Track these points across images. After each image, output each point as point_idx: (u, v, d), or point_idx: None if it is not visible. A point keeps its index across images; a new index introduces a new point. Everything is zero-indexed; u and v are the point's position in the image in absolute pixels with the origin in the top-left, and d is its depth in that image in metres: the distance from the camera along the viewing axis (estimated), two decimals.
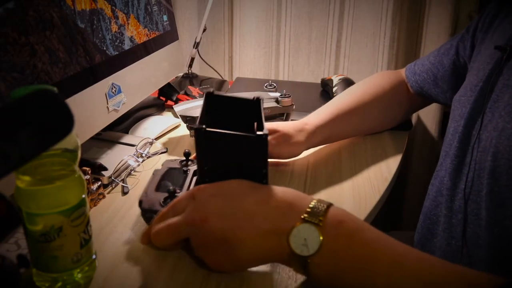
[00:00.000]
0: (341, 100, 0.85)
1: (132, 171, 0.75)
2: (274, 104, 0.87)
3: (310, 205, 0.48)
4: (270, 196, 0.50)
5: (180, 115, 0.82)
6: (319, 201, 0.49)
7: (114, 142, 0.82)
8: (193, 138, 0.85)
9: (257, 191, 0.51)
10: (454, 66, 0.81)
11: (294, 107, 0.89)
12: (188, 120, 0.82)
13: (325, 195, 0.72)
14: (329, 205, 0.48)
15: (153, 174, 0.67)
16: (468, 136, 0.67)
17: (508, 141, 0.57)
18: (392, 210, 1.36)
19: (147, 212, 0.58)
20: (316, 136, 0.79)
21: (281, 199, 0.50)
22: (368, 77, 0.93)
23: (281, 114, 0.89)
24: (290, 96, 0.88)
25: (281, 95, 0.88)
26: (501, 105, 0.61)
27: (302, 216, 0.47)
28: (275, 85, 0.98)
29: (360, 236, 0.46)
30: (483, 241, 0.64)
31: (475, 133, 0.65)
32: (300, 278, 0.53)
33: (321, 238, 0.45)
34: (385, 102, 0.88)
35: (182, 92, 1.02)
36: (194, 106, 0.84)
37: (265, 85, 0.98)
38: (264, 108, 0.86)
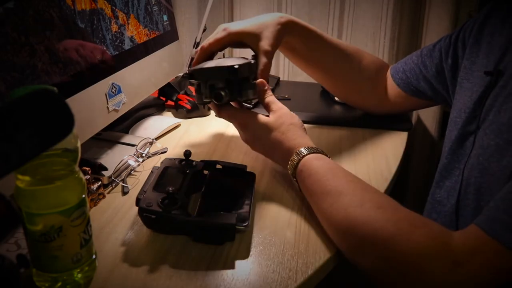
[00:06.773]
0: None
1: (132, 171, 0.75)
2: None
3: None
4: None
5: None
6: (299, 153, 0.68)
7: (114, 142, 0.82)
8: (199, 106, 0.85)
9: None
10: (437, 70, 0.83)
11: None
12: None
13: None
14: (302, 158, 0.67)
15: (151, 171, 0.67)
16: (460, 154, 0.70)
17: (493, 157, 0.60)
18: None
19: (145, 211, 0.58)
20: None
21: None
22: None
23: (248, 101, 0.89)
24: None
25: None
26: (487, 124, 0.64)
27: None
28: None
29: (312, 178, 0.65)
30: None
31: (467, 151, 0.68)
32: (300, 278, 0.54)
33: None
34: (366, 63, 0.92)
35: (182, 92, 1.02)
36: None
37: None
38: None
